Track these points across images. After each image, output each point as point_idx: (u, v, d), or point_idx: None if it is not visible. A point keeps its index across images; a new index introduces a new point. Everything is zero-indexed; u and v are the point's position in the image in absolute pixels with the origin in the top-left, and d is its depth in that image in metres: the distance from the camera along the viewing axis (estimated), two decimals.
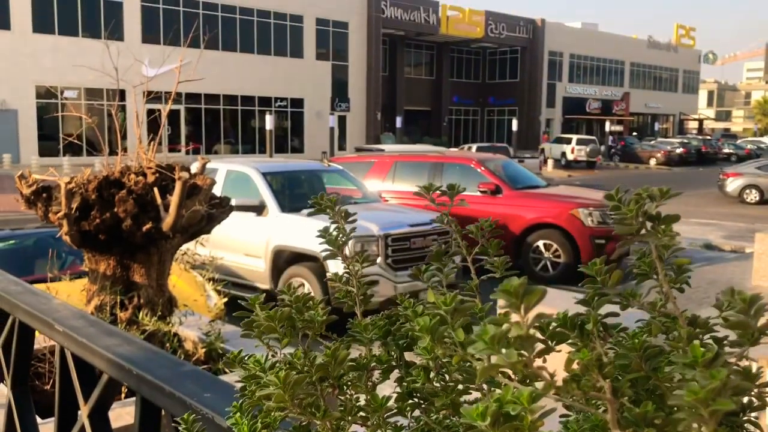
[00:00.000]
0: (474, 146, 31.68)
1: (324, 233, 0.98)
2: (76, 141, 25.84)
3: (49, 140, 31.00)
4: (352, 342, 0.83)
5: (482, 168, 11.35)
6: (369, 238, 7.47)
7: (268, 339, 0.83)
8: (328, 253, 0.99)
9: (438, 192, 1.05)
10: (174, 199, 2.99)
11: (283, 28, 38.64)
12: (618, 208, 0.69)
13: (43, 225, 8.63)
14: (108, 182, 3.10)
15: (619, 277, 0.78)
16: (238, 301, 0.91)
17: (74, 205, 2.92)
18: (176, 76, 3.95)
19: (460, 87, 52.41)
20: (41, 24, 30.37)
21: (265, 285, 8.24)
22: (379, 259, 7.46)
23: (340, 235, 0.98)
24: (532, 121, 51.13)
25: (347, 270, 0.99)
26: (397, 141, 35.23)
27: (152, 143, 3.51)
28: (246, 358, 0.81)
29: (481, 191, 10.83)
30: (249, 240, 8.41)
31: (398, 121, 39.29)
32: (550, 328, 0.64)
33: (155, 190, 3.08)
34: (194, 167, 3.53)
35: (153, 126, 4.06)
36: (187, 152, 32.73)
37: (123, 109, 31.30)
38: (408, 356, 0.84)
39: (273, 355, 0.83)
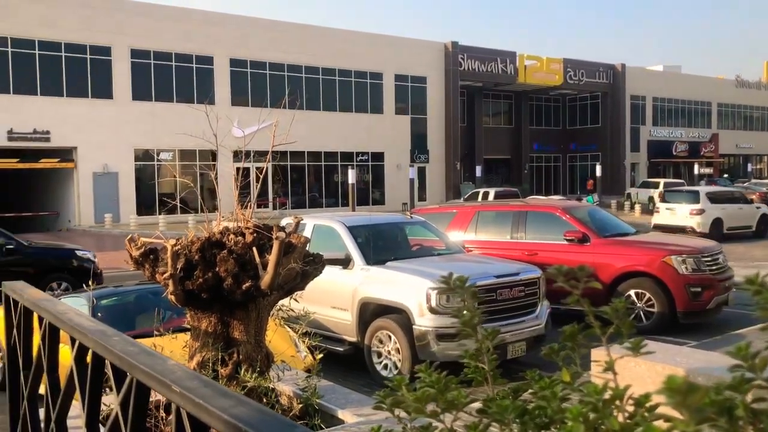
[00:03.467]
0: (491, 191, 31.86)
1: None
2: (170, 201, 27.19)
3: (146, 200, 32.73)
4: (492, 421, 0.84)
5: (568, 216, 11.15)
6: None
7: (399, 413, 0.86)
8: (462, 332, 1.02)
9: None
10: (272, 258, 3.12)
11: (363, 85, 39.78)
12: (760, 292, 0.69)
13: (141, 282, 9.07)
14: (210, 243, 3.26)
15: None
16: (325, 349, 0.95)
17: (179, 266, 3.08)
18: (266, 136, 4.14)
19: (540, 134, 52.05)
20: (140, 92, 32.48)
21: (352, 338, 8.30)
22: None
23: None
24: (617, 165, 49.98)
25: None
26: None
27: (249, 204, 3.67)
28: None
29: (567, 240, 10.63)
30: (336, 293, 8.53)
31: (478, 170, 39.27)
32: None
33: (254, 249, 3.22)
34: (285, 223, 3.65)
35: (244, 184, 4.25)
36: (274, 207, 33.76)
37: (214, 168, 32.79)
38: None
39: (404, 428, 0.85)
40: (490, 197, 30.23)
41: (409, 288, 7.69)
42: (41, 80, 30.18)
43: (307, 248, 3.64)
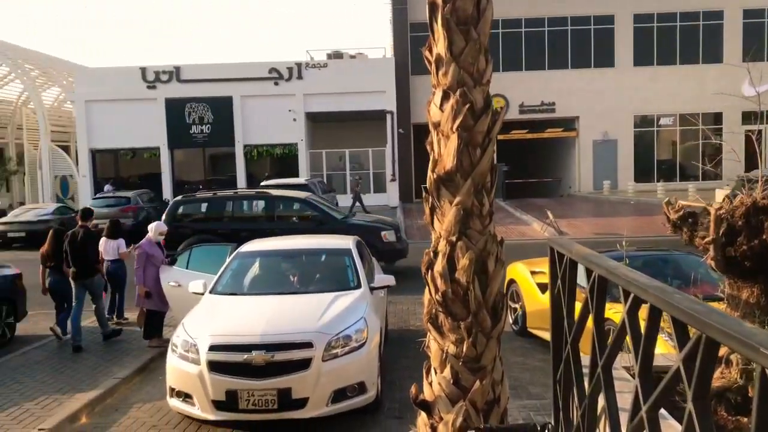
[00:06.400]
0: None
1: None
2: (668, 167, 26.32)
3: (644, 167, 32.40)
4: None
5: None
6: None
7: None
8: None
9: None
10: None
11: None
12: None
13: (641, 248, 8.99)
14: (756, 208, 3.03)
15: None
16: None
17: (721, 231, 2.95)
18: None
19: None
20: (641, 58, 32.06)
21: None
22: None
23: None
24: None
25: None
26: None
27: None
28: None
29: None
30: None
31: None
32: None
33: None
34: None
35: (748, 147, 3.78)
36: None
37: (718, 132, 30.33)
38: None
39: None
40: None
41: None
42: (548, 55, 32.43)
43: None
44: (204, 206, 15.51)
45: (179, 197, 15.85)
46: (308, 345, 6.03)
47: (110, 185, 28.53)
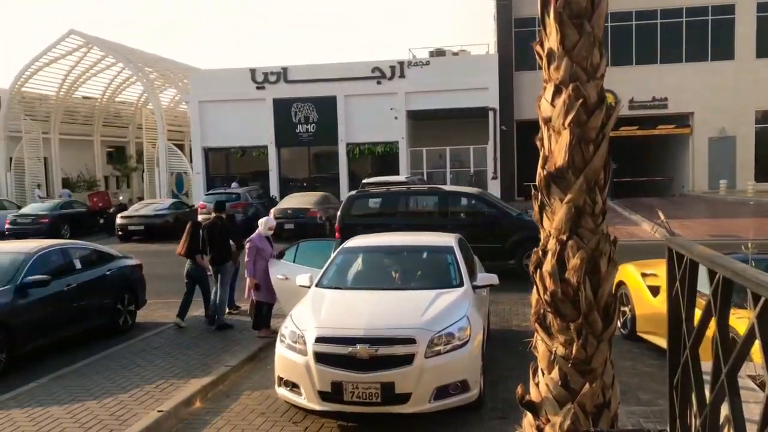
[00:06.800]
0: None
1: None
2: None
3: (765, 165, 30.38)
4: None
5: None
6: None
7: None
8: None
9: None
10: None
11: None
12: None
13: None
14: None
15: None
16: None
17: None
18: None
19: None
20: (764, 49, 30.05)
21: None
22: None
23: None
24: None
25: None
26: None
27: None
28: None
29: None
30: None
31: None
32: None
33: None
34: None
35: None
36: None
37: None
38: None
39: None
40: None
41: None
42: (661, 48, 30.99)
43: None
44: (377, 202, 15.43)
45: (353, 192, 15.81)
46: (411, 341, 6.07)
47: (236, 183, 29.82)
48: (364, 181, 23.51)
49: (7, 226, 24.07)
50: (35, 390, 7.59)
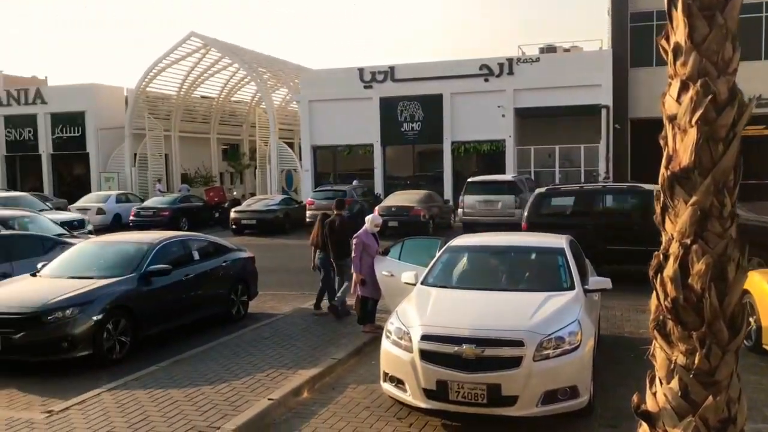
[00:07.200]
0: None
1: None
2: None
3: None
4: None
5: None
6: None
7: None
8: None
9: None
10: None
11: None
12: None
13: None
14: None
15: None
16: None
17: None
18: None
19: None
20: None
21: None
22: None
23: None
24: None
25: None
26: None
27: None
28: None
29: None
30: None
31: None
32: None
33: None
34: None
35: None
36: None
37: None
38: None
39: None
40: None
41: None
42: None
43: None
44: (568, 200, 14.66)
45: (542, 189, 14.89)
46: (519, 343, 5.97)
47: (357, 180, 30.39)
48: (469, 180, 23.34)
49: (131, 218, 25.78)
50: (157, 372, 8.06)
